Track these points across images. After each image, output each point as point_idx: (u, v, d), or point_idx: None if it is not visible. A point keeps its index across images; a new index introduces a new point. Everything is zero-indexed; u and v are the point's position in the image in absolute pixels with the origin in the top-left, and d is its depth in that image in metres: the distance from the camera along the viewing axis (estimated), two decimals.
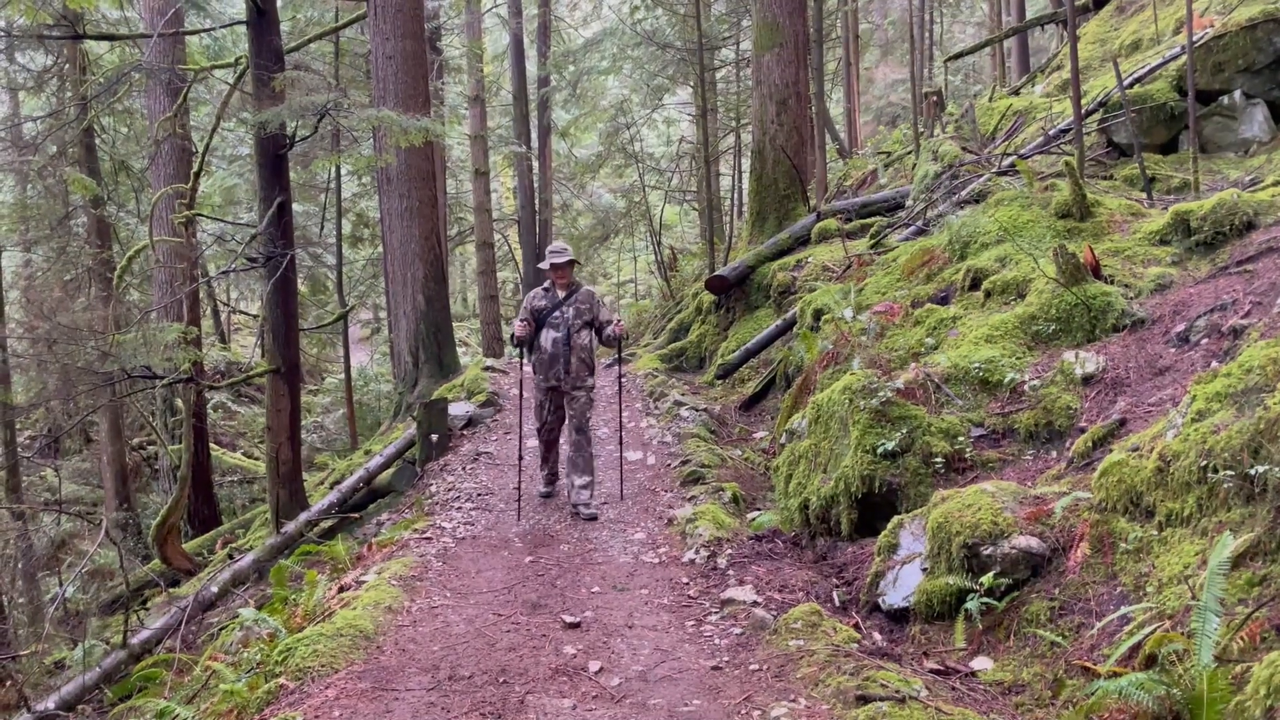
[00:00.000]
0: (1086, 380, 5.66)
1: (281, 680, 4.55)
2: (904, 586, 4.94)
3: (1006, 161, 9.64)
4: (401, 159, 12.88)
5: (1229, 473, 3.86)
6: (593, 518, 7.24)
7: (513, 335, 7.42)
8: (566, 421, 7.52)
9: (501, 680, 4.49)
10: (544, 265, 7.38)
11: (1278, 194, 6.81)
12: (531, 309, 7.35)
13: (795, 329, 9.89)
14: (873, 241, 10.70)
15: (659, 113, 25.84)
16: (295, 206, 19.59)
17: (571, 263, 7.31)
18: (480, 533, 7.16)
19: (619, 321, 7.42)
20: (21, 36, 8.47)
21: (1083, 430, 5.30)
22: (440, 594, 5.82)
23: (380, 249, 19.38)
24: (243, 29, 10.37)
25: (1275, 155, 8.33)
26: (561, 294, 7.32)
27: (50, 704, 6.25)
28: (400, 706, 4.24)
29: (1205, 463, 4.00)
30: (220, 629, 7.05)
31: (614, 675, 4.54)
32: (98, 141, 15.35)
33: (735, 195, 23.18)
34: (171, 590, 9.39)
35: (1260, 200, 6.64)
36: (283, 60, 9.06)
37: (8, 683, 6.96)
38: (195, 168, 10.92)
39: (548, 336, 7.27)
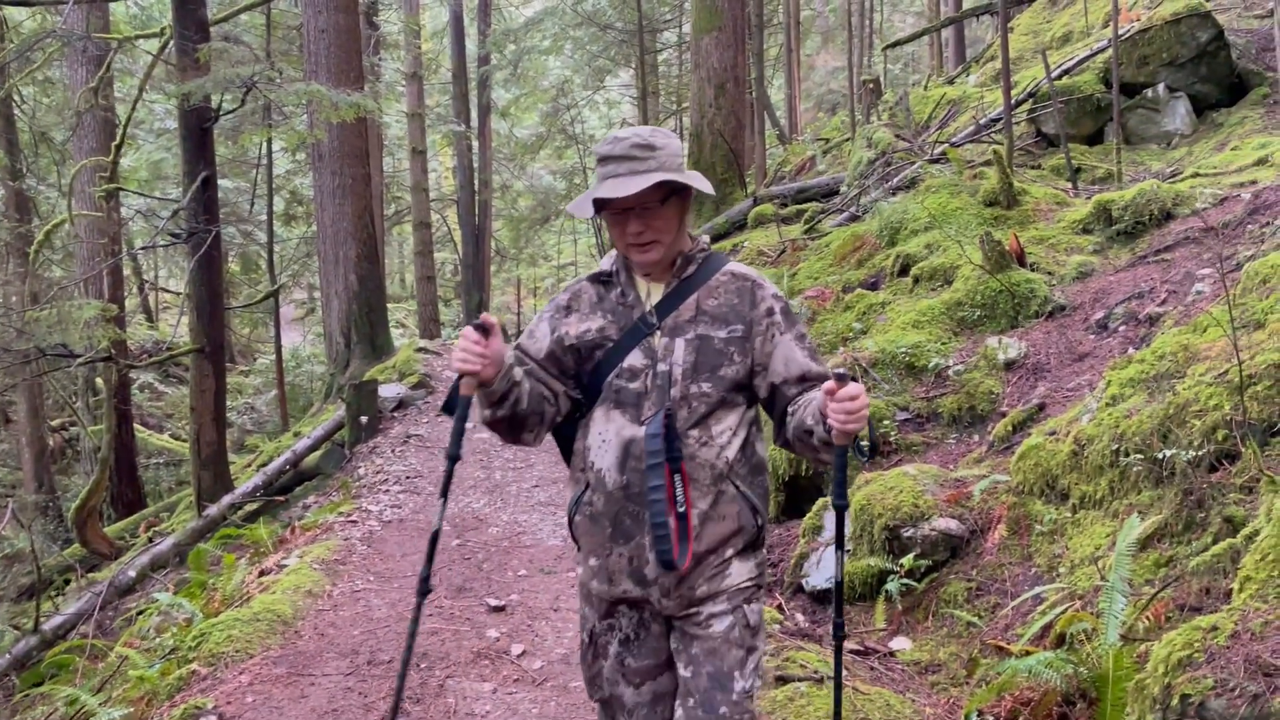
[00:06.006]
0: (1009, 365, 5.75)
1: (194, 666, 4.44)
2: (827, 568, 4.98)
3: (938, 150, 9.74)
4: (334, 135, 12.62)
5: (1139, 456, 3.95)
6: None
7: (454, 391, 2.31)
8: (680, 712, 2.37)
9: (422, 665, 4.44)
10: (591, 199, 2.30)
11: (1196, 185, 6.97)
12: (566, 335, 2.44)
13: None
14: (807, 227, 10.75)
15: (600, 94, 25.72)
16: (226, 183, 19.16)
17: (679, 193, 2.35)
18: (407, 516, 7.07)
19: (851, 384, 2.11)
20: None
21: (1003, 414, 5.39)
22: (363, 578, 5.73)
23: (314, 227, 19.05)
24: None
25: (1196, 148, 8.54)
26: (655, 292, 2.43)
27: None
28: (316, 691, 4.17)
29: (1117, 446, 4.08)
30: (137, 614, 6.87)
31: (536, 658, 4.51)
32: (16, 112, 14.80)
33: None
34: (89, 575, 9.14)
35: (1179, 191, 6.80)
36: (207, 31, 8.81)
37: None
38: (117, 140, 10.58)
39: (607, 431, 2.36)
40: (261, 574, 5.93)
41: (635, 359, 2.37)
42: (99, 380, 12.95)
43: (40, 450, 14.40)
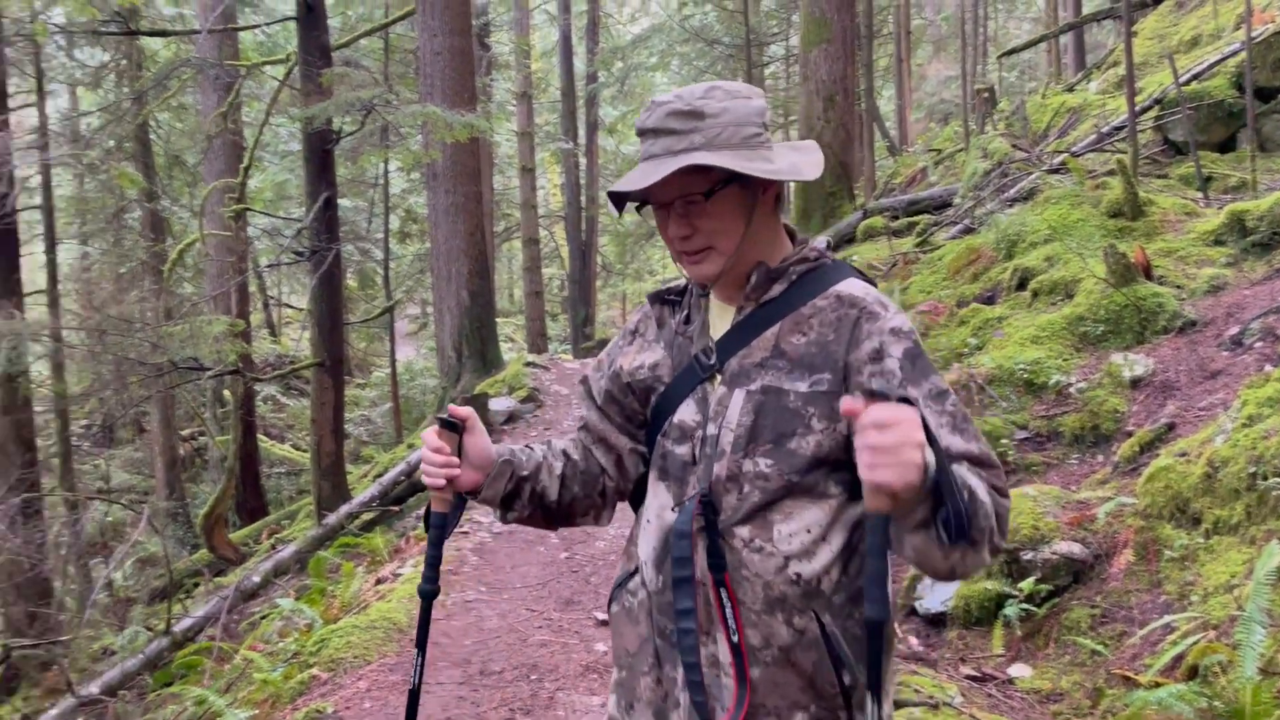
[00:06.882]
0: (1135, 383, 5.52)
1: (315, 671, 4.59)
2: (942, 591, 4.85)
3: (1057, 159, 9.44)
4: (447, 155, 12.95)
5: (1278, 480, 3.74)
6: None
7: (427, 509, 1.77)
8: None
9: (532, 676, 4.49)
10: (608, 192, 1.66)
11: None
12: (622, 370, 1.79)
13: None
14: (919, 240, 10.55)
15: None
16: (345, 202, 19.86)
17: (741, 180, 1.62)
18: (517, 527, 7.16)
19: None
20: (76, 31, 8.70)
21: (1129, 434, 5.17)
22: (475, 588, 5.83)
23: (428, 245, 19.57)
24: (295, 25, 10.50)
25: None
26: (725, 318, 1.69)
27: (94, 689, 6.38)
28: (430, 700, 4.25)
29: (1254, 469, 3.88)
30: (261, 618, 7.14)
31: None
32: (152, 136, 15.65)
33: (783, 193, 23.02)
34: (216, 579, 9.54)
35: None
36: (330, 56, 9.16)
37: (54, 667, 7.12)
38: (245, 162, 11.08)
39: (650, 509, 1.77)
40: (378, 582, 6.09)
41: (687, 413, 1.66)
42: (226, 392, 13.56)
43: (171, 459, 15.15)
